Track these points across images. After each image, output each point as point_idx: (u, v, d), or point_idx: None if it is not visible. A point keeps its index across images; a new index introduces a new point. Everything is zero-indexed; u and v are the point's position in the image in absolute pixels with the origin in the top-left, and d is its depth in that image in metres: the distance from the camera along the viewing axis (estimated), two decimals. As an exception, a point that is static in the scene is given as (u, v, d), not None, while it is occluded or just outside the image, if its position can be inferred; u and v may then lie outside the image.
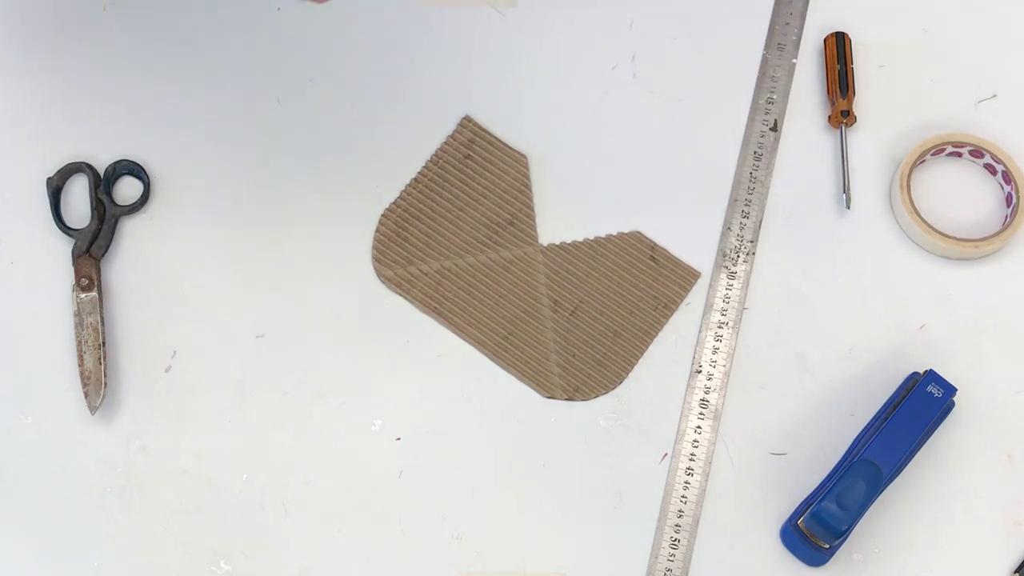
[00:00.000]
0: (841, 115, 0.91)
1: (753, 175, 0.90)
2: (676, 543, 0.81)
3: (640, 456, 0.84)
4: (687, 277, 0.88)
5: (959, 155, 0.91)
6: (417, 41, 0.94)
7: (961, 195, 0.90)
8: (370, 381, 0.85)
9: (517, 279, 0.88)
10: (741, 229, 0.89)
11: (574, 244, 0.89)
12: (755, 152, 0.91)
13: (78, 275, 0.85)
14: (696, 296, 0.88)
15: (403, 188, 0.90)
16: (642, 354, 0.86)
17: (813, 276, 0.88)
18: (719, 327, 0.86)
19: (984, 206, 0.90)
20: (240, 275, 0.87)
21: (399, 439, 0.84)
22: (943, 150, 0.91)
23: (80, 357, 0.83)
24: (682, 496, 0.82)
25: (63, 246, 0.87)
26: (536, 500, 0.83)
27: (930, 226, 0.88)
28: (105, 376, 0.83)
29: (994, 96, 0.93)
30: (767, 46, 0.94)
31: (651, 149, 0.91)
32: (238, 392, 0.84)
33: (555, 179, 0.90)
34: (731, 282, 0.88)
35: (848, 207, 0.89)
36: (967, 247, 0.87)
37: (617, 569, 0.81)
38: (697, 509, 0.82)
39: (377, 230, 0.89)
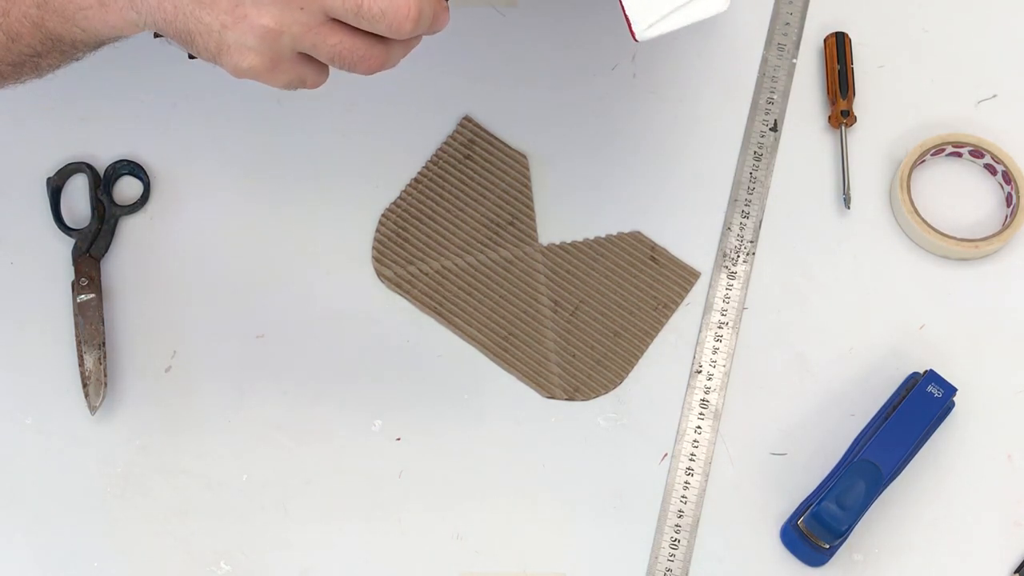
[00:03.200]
0: (841, 115, 0.91)
1: (753, 175, 0.90)
2: (676, 543, 0.81)
3: (640, 456, 0.83)
4: (687, 277, 0.88)
5: (959, 155, 0.91)
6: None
7: (961, 195, 0.90)
8: (370, 381, 0.85)
9: (517, 279, 0.88)
10: (741, 229, 0.89)
11: (574, 244, 0.89)
12: (755, 152, 0.91)
13: (78, 275, 0.85)
14: (696, 296, 0.87)
15: (403, 188, 0.90)
16: (642, 354, 0.86)
17: (813, 276, 0.88)
18: (719, 327, 0.86)
19: (984, 206, 0.90)
20: (240, 275, 0.87)
21: (399, 439, 0.84)
22: (943, 150, 0.91)
23: (80, 357, 0.83)
24: (682, 496, 0.82)
25: (63, 246, 0.87)
26: (536, 500, 0.82)
27: (930, 226, 0.88)
28: (105, 376, 0.83)
29: (994, 96, 0.93)
30: (767, 46, 0.94)
31: (651, 149, 0.91)
32: (238, 392, 0.84)
33: (555, 179, 0.90)
34: (731, 282, 0.87)
35: (848, 207, 0.89)
36: (967, 247, 0.87)
37: (617, 569, 0.81)
38: (697, 509, 0.82)
39: (377, 230, 0.89)
